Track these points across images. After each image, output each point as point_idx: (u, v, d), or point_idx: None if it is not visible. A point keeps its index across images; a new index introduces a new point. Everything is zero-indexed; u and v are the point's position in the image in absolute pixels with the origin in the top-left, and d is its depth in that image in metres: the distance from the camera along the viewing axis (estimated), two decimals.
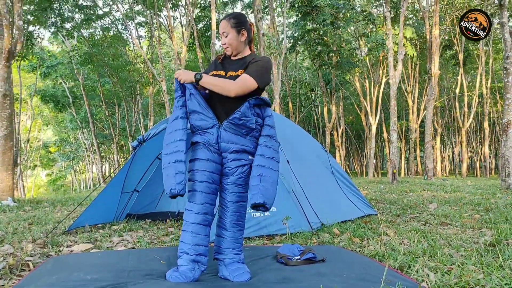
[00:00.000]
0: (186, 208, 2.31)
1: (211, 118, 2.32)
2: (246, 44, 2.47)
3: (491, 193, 7.75)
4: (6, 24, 7.53)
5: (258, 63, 2.36)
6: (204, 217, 2.27)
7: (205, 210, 2.27)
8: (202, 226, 2.27)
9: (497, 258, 2.62)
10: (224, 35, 2.40)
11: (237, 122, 2.28)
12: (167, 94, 16.30)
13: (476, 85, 21.74)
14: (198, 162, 2.30)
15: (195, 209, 2.26)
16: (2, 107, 7.65)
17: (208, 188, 2.28)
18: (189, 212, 2.28)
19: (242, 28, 2.40)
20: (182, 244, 2.27)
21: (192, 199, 2.28)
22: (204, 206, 2.27)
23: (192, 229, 2.25)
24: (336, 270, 2.36)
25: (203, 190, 2.27)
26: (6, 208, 6.58)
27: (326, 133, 21.47)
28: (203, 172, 2.28)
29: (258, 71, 2.33)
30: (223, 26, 2.40)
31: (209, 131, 2.32)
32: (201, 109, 2.32)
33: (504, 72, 8.74)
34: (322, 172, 4.89)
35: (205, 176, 2.27)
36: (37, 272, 2.42)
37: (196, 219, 2.25)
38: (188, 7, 16.05)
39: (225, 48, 2.44)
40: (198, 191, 2.26)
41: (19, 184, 19.99)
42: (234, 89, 2.27)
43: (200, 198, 2.26)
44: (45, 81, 23.91)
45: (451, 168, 34.83)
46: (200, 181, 2.27)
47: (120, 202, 4.87)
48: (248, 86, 2.28)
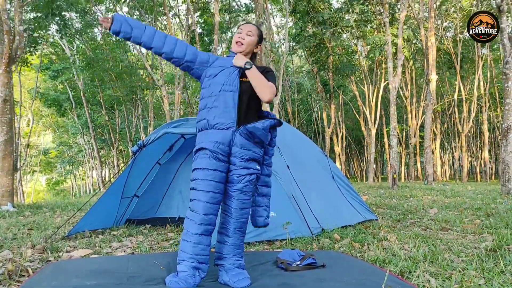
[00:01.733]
0: (188, 217, 2.25)
1: (232, 119, 2.28)
2: (249, 55, 2.51)
3: (492, 198, 7.74)
4: (6, 29, 7.56)
5: (271, 73, 2.41)
6: (207, 227, 2.23)
7: (208, 222, 2.23)
8: (204, 236, 2.23)
9: (498, 263, 2.61)
10: (249, 34, 2.43)
11: (255, 132, 2.27)
12: (167, 99, 16.33)
13: (474, 90, 21.78)
14: (204, 171, 2.23)
15: (197, 219, 2.21)
16: (2, 112, 7.66)
17: (213, 199, 2.23)
18: (191, 222, 2.23)
19: (261, 43, 2.52)
20: (183, 253, 2.24)
21: (196, 209, 2.22)
22: (207, 217, 2.22)
23: (194, 239, 2.21)
24: (336, 276, 2.35)
25: (208, 201, 2.21)
26: (6, 213, 6.57)
27: (326, 138, 21.48)
28: (210, 182, 2.22)
29: (275, 82, 2.40)
30: (252, 28, 2.46)
31: (224, 132, 2.27)
32: (230, 106, 2.28)
33: (504, 77, 8.76)
34: (322, 177, 4.89)
35: (211, 186, 2.22)
36: (36, 278, 2.41)
37: (198, 229, 2.21)
38: (190, 11, 16.12)
39: (237, 42, 2.43)
40: (202, 201, 2.21)
41: (18, 189, 19.96)
42: (270, 93, 2.29)
43: (204, 209, 2.21)
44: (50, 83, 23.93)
45: (451, 173, 34.80)
46: (206, 191, 2.21)
47: (120, 207, 4.86)
48: (274, 95, 2.34)
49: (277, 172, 3.95)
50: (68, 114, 25.18)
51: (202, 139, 2.30)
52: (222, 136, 2.26)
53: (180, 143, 5.13)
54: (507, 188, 8.55)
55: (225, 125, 2.27)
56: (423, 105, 20.65)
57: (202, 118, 2.33)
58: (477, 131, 29.81)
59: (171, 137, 4.85)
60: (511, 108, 8.65)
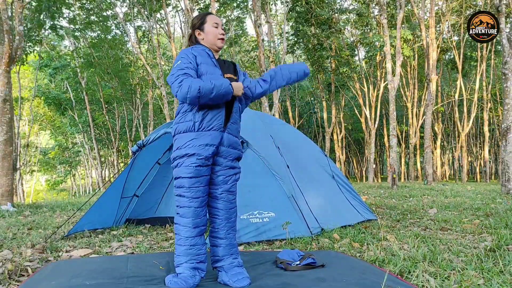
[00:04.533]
0: (179, 223, 2.23)
1: (222, 120, 2.27)
2: None
3: (491, 198, 7.74)
4: (6, 29, 7.56)
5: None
6: (200, 229, 2.26)
7: (200, 223, 2.25)
8: (198, 237, 2.25)
9: (497, 263, 2.61)
10: (223, 28, 2.44)
11: (236, 120, 2.35)
12: (166, 98, 16.33)
13: (475, 90, 21.78)
14: (191, 180, 2.20)
15: (191, 224, 2.22)
16: (2, 112, 7.66)
17: (201, 203, 2.25)
18: (183, 228, 2.22)
19: None
20: (180, 257, 2.24)
21: (187, 215, 2.21)
22: (199, 219, 2.24)
23: (189, 242, 2.22)
24: (336, 276, 2.35)
25: (198, 206, 2.23)
26: (6, 213, 6.57)
27: (326, 138, 21.48)
28: (198, 188, 2.22)
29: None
30: (220, 21, 2.46)
31: (214, 133, 2.24)
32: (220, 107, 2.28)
33: (503, 77, 8.76)
34: (322, 176, 4.89)
35: (199, 192, 2.23)
36: (36, 278, 2.41)
37: (192, 233, 2.23)
38: (189, 12, 16.11)
39: (221, 39, 2.41)
40: (193, 207, 2.21)
41: (18, 189, 19.95)
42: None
43: (196, 214, 2.23)
44: (50, 81, 23.92)
45: (451, 173, 34.79)
46: (195, 198, 2.21)
47: (119, 207, 4.86)
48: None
49: (277, 172, 3.96)
50: (68, 113, 25.15)
51: (188, 143, 2.22)
52: (212, 138, 2.23)
53: None
54: (506, 188, 8.56)
55: (218, 127, 2.25)
56: (424, 105, 20.65)
57: (188, 120, 2.25)
58: (477, 131, 29.81)
59: (171, 137, 4.84)
60: (510, 108, 8.66)
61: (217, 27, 2.38)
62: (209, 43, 2.39)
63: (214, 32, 2.37)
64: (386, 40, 12.82)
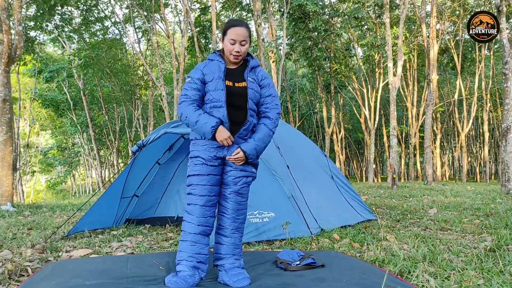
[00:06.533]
0: (186, 220, 2.30)
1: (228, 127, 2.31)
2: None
3: (491, 198, 7.74)
4: (5, 29, 7.55)
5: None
6: (204, 228, 2.29)
7: (206, 223, 2.29)
8: (201, 235, 2.28)
9: (497, 263, 2.61)
10: (242, 44, 2.32)
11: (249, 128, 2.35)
12: (166, 99, 16.32)
13: (475, 89, 21.77)
14: (198, 177, 2.29)
15: (195, 221, 2.27)
16: (2, 112, 7.66)
17: (209, 202, 2.29)
18: (189, 224, 2.28)
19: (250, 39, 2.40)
20: (181, 253, 2.27)
21: (193, 213, 2.28)
22: (205, 219, 2.28)
23: (192, 238, 2.26)
24: (335, 276, 2.35)
25: (204, 204, 2.28)
26: (6, 213, 6.56)
27: (325, 138, 21.47)
28: (204, 186, 2.28)
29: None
30: (244, 34, 2.31)
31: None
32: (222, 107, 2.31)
33: (503, 77, 8.76)
34: (322, 177, 4.89)
35: (206, 190, 2.28)
36: (36, 278, 2.41)
37: (196, 230, 2.27)
38: (188, 12, 16.11)
39: (236, 56, 2.34)
40: (199, 205, 2.27)
41: (18, 189, 19.95)
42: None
43: (202, 212, 2.27)
44: (47, 84, 23.93)
45: (451, 173, 34.78)
46: (202, 195, 2.27)
47: (119, 207, 4.86)
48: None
49: (276, 172, 3.96)
50: (67, 114, 25.15)
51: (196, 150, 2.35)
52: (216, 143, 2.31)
53: (180, 143, 5.13)
54: (506, 188, 8.56)
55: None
56: (424, 105, 20.64)
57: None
58: (477, 131, 29.81)
59: (171, 137, 4.85)
60: (510, 108, 8.66)
61: (233, 43, 2.31)
62: (225, 54, 2.40)
63: (229, 48, 2.34)
64: (388, 39, 12.82)
